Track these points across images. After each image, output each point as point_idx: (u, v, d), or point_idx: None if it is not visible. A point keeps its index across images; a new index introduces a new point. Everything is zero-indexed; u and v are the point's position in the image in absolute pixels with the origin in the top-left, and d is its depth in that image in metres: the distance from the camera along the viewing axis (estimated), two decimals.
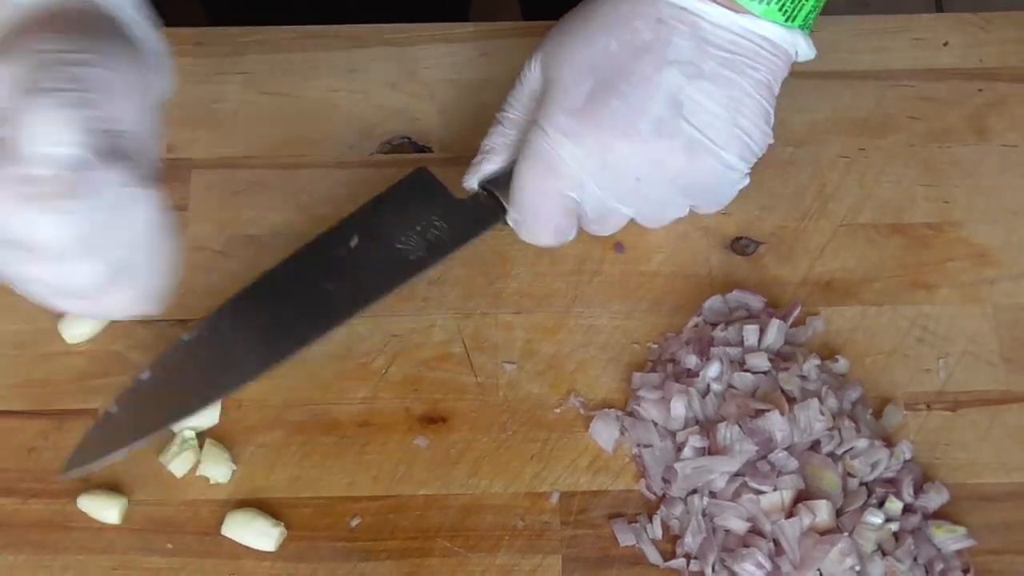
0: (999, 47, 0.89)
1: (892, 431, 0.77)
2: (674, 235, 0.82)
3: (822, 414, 0.74)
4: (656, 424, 0.76)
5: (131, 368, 0.78)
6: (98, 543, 0.74)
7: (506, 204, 0.79)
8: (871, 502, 0.73)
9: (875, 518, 0.72)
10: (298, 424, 0.77)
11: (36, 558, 0.74)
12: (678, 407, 0.75)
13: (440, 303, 0.80)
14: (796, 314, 0.79)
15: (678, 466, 0.74)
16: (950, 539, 0.73)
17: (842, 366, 0.78)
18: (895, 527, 0.72)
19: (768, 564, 0.71)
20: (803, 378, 0.76)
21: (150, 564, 0.73)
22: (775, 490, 0.72)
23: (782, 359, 0.77)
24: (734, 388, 0.76)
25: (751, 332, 0.77)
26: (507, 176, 0.79)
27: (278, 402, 0.77)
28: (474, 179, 0.80)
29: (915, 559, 0.72)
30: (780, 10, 0.75)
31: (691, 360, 0.77)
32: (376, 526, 0.74)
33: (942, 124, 0.87)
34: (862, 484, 0.74)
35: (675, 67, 0.75)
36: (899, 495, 0.73)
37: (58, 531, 0.74)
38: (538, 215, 0.79)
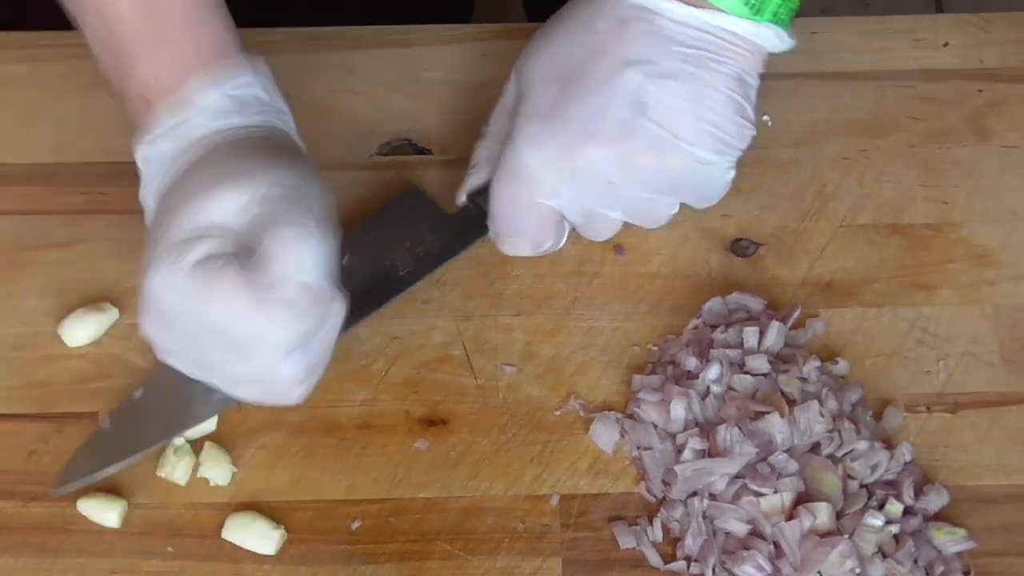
0: (999, 47, 0.89)
1: (892, 433, 0.77)
2: (674, 237, 0.82)
3: (822, 416, 0.74)
4: (656, 426, 0.76)
5: (131, 372, 0.78)
6: (98, 546, 0.74)
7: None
8: (871, 504, 0.73)
9: (875, 520, 0.72)
10: (298, 426, 0.77)
11: (36, 561, 0.74)
12: (678, 409, 0.75)
13: (440, 305, 0.80)
14: (796, 316, 0.79)
15: (678, 468, 0.74)
16: (950, 541, 0.73)
17: (842, 368, 0.78)
18: (895, 529, 0.72)
19: (768, 566, 0.71)
20: (803, 380, 0.76)
21: (150, 567, 0.73)
22: (775, 492, 0.72)
23: (782, 361, 0.77)
24: (734, 390, 0.76)
25: (751, 334, 0.77)
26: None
27: None
28: (462, 193, 0.81)
29: (915, 561, 0.72)
30: (745, 4, 0.74)
31: (691, 362, 0.77)
32: (376, 529, 0.74)
33: (942, 124, 0.87)
34: (862, 486, 0.73)
35: (636, 67, 0.74)
36: (899, 497, 0.73)
37: (58, 534, 0.74)
38: (513, 225, 0.79)
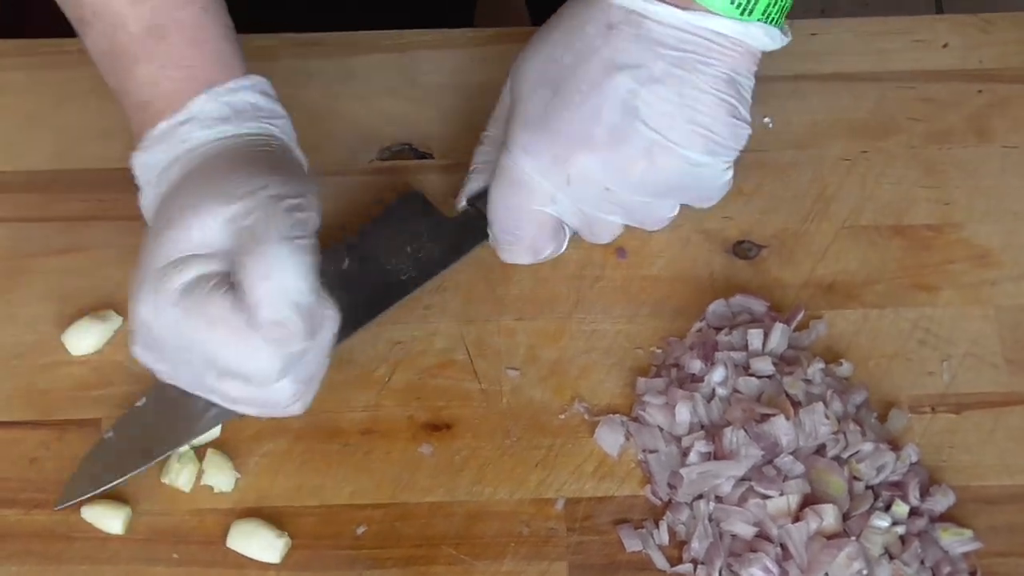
0: (999, 48, 0.89)
1: (897, 434, 0.77)
2: (676, 240, 0.82)
3: (827, 418, 0.74)
4: (661, 429, 0.76)
5: (133, 379, 0.77)
6: (102, 553, 0.74)
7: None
8: (877, 505, 0.73)
9: (882, 521, 0.72)
10: (301, 432, 0.77)
11: (40, 569, 0.73)
12: (683, 412, 0.75)
13: (442, 310, 0.80)
14: (799, 318, 0.79)
15: (684, 471, 0.73)
16: (957, 542, 0.73)
17: (846, 370, 0.78)
18: (902, 530, 0.72)
19: (775, 569, 0.71)
20: (807, 382, 0.76)
21: (155, 574, 0.73)
22: (781, 495, 0.72)
23: (786, 363, 0.77)
24: (739, 393, 0.76)
25: (755, 336, 0.77)
26: None
27: None
28: (462, 198, 0.81)
29: (922, 562, 0.72)
30: (733, 4, 0.73)
31: (695, 365, 0.77)
32: (381, 534, 0.74)
33: (943, 125, 0.87)
34: (868, 488, 0.73)
35: (625, 72, 0.74)
36: (905, 498, 0.73)
37: (62, 542, 0.74)
38: (512, 234, 0.78)
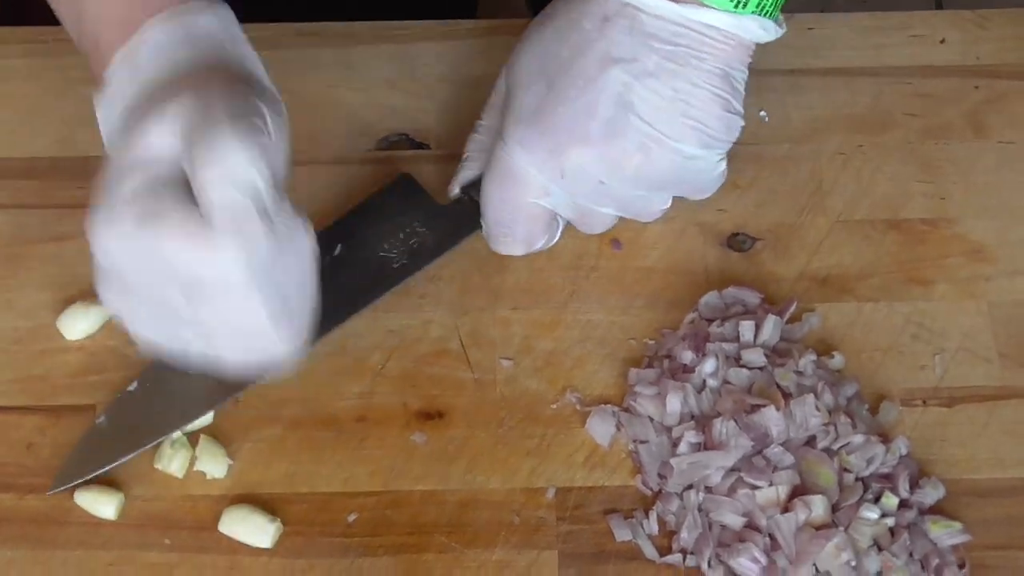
0: (996, 44, 0.89)
1: (888, 427, 0.77)
2: (671, 231, 0.83)
3: (818, 410, 0.74)
4: (652, 420, 0.76)
5: (128, 364, 0.78)
6: (96, 538, 0.74)
7: None
8: (867, 497, 0.73)
9: (871, 513, 0.72)
10: (295, 419, 0.77)
11: (34, 554, 0.74)
12: (674, 403, 0.75)
13: (437, 299, 0.80)
14: (792, 310, 0.79)
15: (674, 461, 0.74)
16: (946, 534, 0.73)
17: (838, 362, 0.78)
18: (891, 522, 0.72)
19: (764, 559, 0.71)
20: (799, 374, 0.76)
21: (147, 559, 0.74)
22: (771, 485, 0.72)
23: (778, 355, 0.77)
24: (730, 384, 0.76)
25: (747, 328, 0.77)
26: None
27: (274, 398, 0.77)
28: (455, 186, 0.81)
29: (911, 554, 0.72)
30: None
31: (687, 356, 0.77)
32: (373, 522, 0.75)
33: (939, 121, 0.87)
34: (858, 479, 0.74)
35: (620, 65, 0.74)
36: (895, 490, 0.73)
37: (55, 526, 0.74)
38: (505, 226, 0.79)
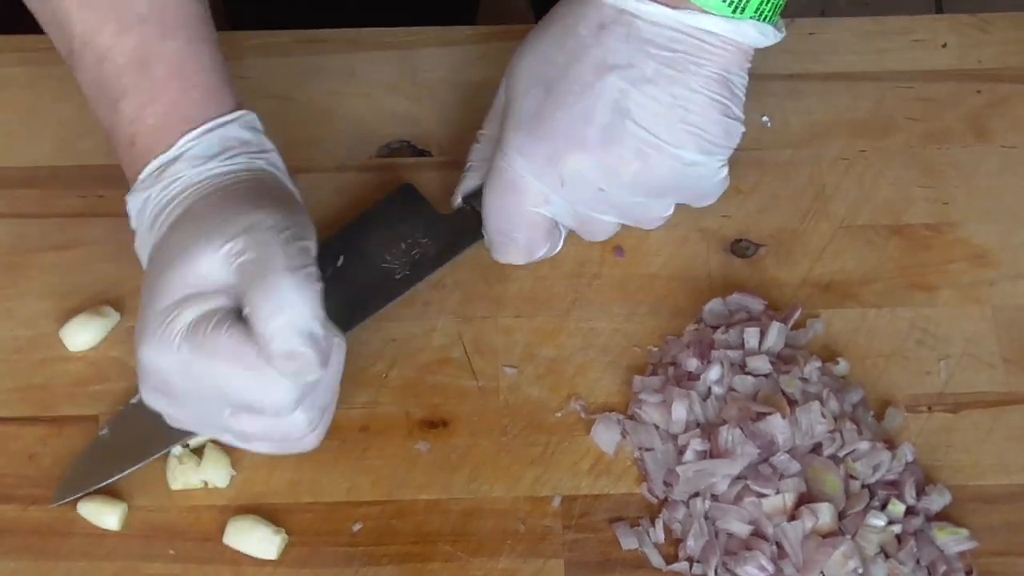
0: (998, 48, 0.89)
1: (893, 433, 0.77)
2: (673, 238, 0.82)
3: (823, 417, 0.74)
4: (657, 427, 0.76)
5: (131, 375, 0.77)
6: (99, 549, 0.74)
7: None
8: (873, 504, 0.73)
9: (877, 520, 0.72)
10: None
11: (36, 565, 0.73)
12: (679, 410, 0.75)
13: (440, 307, 0.80)
14: (796, 316, 0.79)
15: (680, 469, 0.74)
16: (952, 541, 0.73)
17: (843, 368, 0.78)
18: (897, 529, 0.72)
19: (771, 567, 0.71)
20: (804, 381, 0.76)
21: (151, 570, 0.73)
22: (777, 493, 0.72)
23: (783, 362, 0.77)
24: (735, 391, 0.76)
25: (752, 335, 0.77)
26: None
27: None
28: (458, 196, 0.81)
29: (918, 561, 0.72)
30: (725, 2, 0.72)
31: (692, 363, 0.77)
32: (377, 531, 0.74)
33: (941, 125, 0.87)
34: (864, 486, 0.73)
35: (617, 72, 0.74)
36: (901, 497, 0.73)
37: (59, 537, 0.74)
38: (506, 235, 0.78)
